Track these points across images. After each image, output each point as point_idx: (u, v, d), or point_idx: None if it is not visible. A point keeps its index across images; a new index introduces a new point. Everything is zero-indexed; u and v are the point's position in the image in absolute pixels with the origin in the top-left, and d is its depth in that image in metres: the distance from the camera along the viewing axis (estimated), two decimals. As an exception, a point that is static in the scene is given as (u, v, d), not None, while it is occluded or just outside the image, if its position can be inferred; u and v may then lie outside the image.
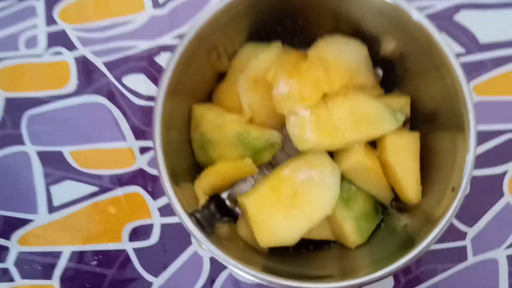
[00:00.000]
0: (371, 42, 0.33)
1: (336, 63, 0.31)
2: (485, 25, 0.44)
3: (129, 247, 0.42)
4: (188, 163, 0.33)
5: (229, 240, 0.31)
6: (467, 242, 0.42)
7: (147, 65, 0.44)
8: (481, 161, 0.42)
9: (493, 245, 0.41)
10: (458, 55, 0.43)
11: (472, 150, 0.28)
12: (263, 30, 0.33)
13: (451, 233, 0.42)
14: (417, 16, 0.28)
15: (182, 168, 0.32)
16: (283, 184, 0.31)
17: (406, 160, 0.31)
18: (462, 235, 0.42)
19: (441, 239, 0.42)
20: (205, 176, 0.32)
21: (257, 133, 0.31)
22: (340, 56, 0.32)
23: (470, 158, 0.27)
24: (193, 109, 0.33)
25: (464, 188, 0.27)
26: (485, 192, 0.42)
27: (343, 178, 0.32)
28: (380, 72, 0.34)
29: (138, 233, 0.42)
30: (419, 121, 0.33)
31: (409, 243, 0.29)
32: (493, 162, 0.42)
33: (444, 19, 0.44)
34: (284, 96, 0.30)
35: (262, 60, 0.31)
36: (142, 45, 0.44)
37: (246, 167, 0.32)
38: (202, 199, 0.30)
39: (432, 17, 0.44)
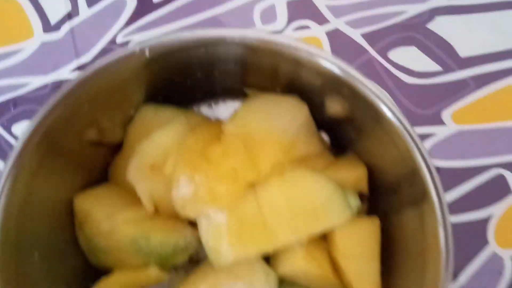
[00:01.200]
0: (312, 99, 0.24)
1: (264, 135, 0.23)
2: (466, 34, 0.35)
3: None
4: (72, 267, 0.25)
5: None
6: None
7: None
8: (462, 204, 0.34)
9: (478, 301, 0.35)
10: (434, 74, 0.35)
11: (445, 241, 0.20)
12: (169, 86, 0.24)
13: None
14: (359, 78, 0.19)
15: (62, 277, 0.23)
16: (199, 305, 0.23)
17: (362, 261, 0.24)
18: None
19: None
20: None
21: (160, 238, 0.23)
22: (269, 124, 0.23)
23: (443, 271, 0.20)
24: (75, 203, 0.24)
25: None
26: (466, 241, 0.35)
27: (282, 281, 0.24)
28: (325, 137, 0.26)
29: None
30: (379, 195, 0.25)
31: None
32: (475, 204, 0.35)
33: (416, 29, 0.35)
34: (187, 199, 0.21)
35: (158, 143, 0.22)
36: (35, 82, 0.34)
37: (152, 276, 0.24)
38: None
39: (402, 27, 0.35)
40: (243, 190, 0.22)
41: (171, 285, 0.26)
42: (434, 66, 0.35)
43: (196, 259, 0.26)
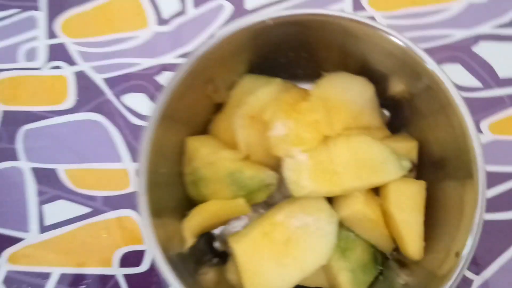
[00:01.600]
0: (378, 81, 0.30)
1: (339, 102, 0.29)
2: (505, 59, 0.42)
3: (119, 272, 0.40)
4: (178, 198, 0.32)
5: (217, 285, 0.29)
6: (473, 291, 0.40)
7: (148, 84, 0.42)
8: (493, 204, 0.39)
9: (501, 295, 0.39)
10: (475, 90, 0.41)
11: (480, 210, 0.26)
12: (265, 62, 0.32)
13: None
14: (426, 59, 0.26)
15: (169, 204, 0.30)
16: (276, 230, 0.29)
17: (410, 212, 0.29)
18: (468, 282, 0.40)
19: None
20: (195, 215, 0.30)
21: (251, 173, 0.30)
22: (344, 95, 0.30)
23: (476, 222, 0.25)
24: (186, 142, 0.31)
25: (468, 255, 0.25)
26: (495, 238, 0.40)
27: (341, 225, 0.30)
28: (387, 113, 0.32)
29: (129, 259, 0.41)
30: (426, 167, 0.31)
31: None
32: (506, 206, 0.40)
33: (462, 50, 0.42)
34: (280, 138, 0.28)
35: (260, 97, 0.29)
36: (145, 63, 0.43)
37: (239, 207, 0.30)
38: (189, 241, 0.29)
39: (450, 48, 0.42)
40: (321, 140, 0.28)
41: (250, 220, 0.32)
42: (475, 83, 0.41)
43: (271, 203, 0.32)
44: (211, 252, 0.33)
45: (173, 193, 0.31)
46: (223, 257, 0.33)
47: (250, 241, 0.29)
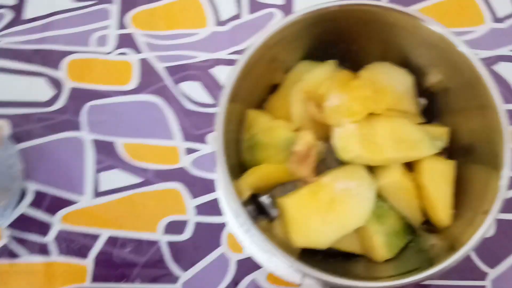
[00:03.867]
0: (416, 73, 0.35)
1: (384, 86, 0.34)
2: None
3: (162, 239, 0.44)
4: (233, 163, 0.36)
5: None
6: (487, 283, 0.43)
7: (203, 75, 0.48)
8: (510, 204, 0.43)
9: (514, 290, 0.42)
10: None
11: (505, 183, 0.30)
12: (318, 51, 0.37)
13: (472, 272, 0.44)
14: (467, 52, 0.31)
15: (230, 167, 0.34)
16: (322, 190, 0.33)
17: (441, 184, 0.33)
18: (482, 275, 0.43)
19: (461, 275, 0.43)
20: (251, 173, 0.34)
21: (303, 141, 0.34)
22: (388, 80, 0.35)
23: (503, 184, 0.29)
24: (247, 113, 0.36)
25: (495, 210, 0.29)
26: (510, 234, 0.43)
27: (378, 195, 0.34)
28: (423, 101, 0.37)
29: (173, 227, 0.44)
30: (456, 152, 0.35)
31: (435, 260, 0.30)
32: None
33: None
34: (334, 109, 0.32)
35: (317, 74, 0.34)
36: (202, 56, 0.48)
37: (288, 172, 0.34)
38: (247, 193, 0.33)
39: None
40: (367, 115, 0.33)
41: (296, 187, 0.36)
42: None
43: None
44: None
45: (231, 159, 0.35)
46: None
47: (299, 197, 0.33)
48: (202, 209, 0.45)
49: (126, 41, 0.49)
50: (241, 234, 0.39)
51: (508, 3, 0.50)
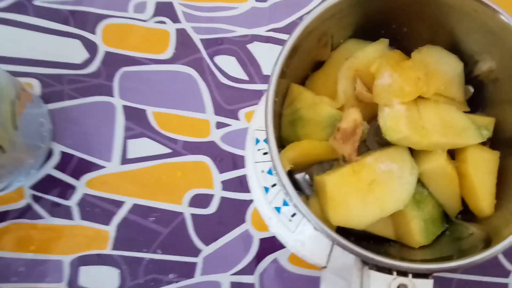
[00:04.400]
0: (466, 60, 0.35)
1: (434, 69, 0.33)
2: None
3: (187, 211, 0.44)
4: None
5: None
6: (510, 281, 0.43)
7: (239, 50, 0.47)
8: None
9: (538, 290, 0.42)
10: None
11: None
12: (366, 31, 0.36)
13: (495, 269, 0.43)
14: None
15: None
16: (364, 170, 0.32)
17: (484, 173, 0.33)
18: (505, 273, 0.43)
19: (484, 271, 0.43)
20: (291, 148, 0.34)
21: (348, 118, 0.33)
22: (438, 65, 0.34)
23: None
24: (291, 86, 0.35)
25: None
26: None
27: (418, 181, 0.33)
28: (471, 89, 0.36)
29: (198, 201, 0.44)
30: (500, 143, 0.35)
31: (470, 250, 0.30)
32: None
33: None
34: (385, 87, 0.32)
35: (369, 52, 0.34)
36: (239, 31, 0.47)
37: (329, 149, 0.34)
38: (287, 167, 0.32)
39: None
40: (417, 96, 0.32)
41: (333, 167, 0.35)
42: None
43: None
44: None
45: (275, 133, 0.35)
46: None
47: (340, 175, 0.32)
48: (229, 185, 0.44)
49: (165, 10, 0.48)
50: (269, 212, 0.39)
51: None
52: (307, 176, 0.36)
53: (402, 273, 0.27)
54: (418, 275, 0.27)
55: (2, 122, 0.36)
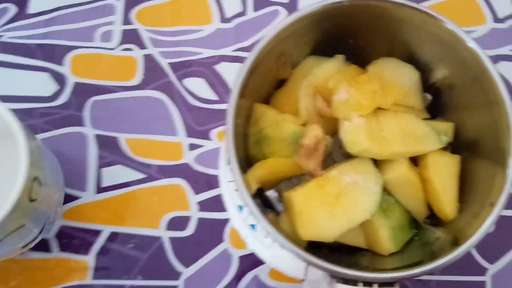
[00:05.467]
0: (422, 69, 0.36)
1: (391, 81, 0.35)
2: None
3: (165, 235, 0.44)
4: (240, 157, 0.36)
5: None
6: (487, 279, 0.43)
7: (207, 71, 0.48)
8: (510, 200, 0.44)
9: (513, 285, 0.43)
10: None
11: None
12: (325, 47, 0.37)
13: (472, 267, 0.44)
14: (476, 48, 0.31)
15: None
16: (329, 183, 0.33)
17: (446, 178, 0.33)
18: (482, 271, 0.44)
19: (461, 271, 0.44)
20: (258, 167, 0.34)
21: (310, 134, 0.34)
22: (395, 76, 0.35)
23: (510, 175, 0.29)
24: (255, 107, 0.36)
25: (502, 202, 0.29)
26: (510, 231, 0.44)
27: (384, 189, 0.34)
28: (429, 97, 0.37)
29: (175, 223, 0.44)
30: (460, 147, 0.36)
31: (439, 254, 0.30)
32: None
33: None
34: (342, 102, 0.33)
35: (326, 68, 0.35)
36: (206, 53, 0.48)
37: (295, 166, 0.34)
38: (254, 186, 0.33)
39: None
40: (375, 108, 0.33)
41: (302, 181, 0.36)
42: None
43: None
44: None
45: (239, 154, 0.35)
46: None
47: (306, 190, 0.33)
48: (205, 205, 0.45)
49: (131, 37, 0.49)
50: (245, 230, 0.39)
51: (509, 4, 0.51)
52: (277, 193, 0.36)
53: (368, 283, 0.28)
54: (383, 284, 0.28)
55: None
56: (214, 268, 0.43)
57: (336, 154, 0.36)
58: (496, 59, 0.48)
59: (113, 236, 0.44)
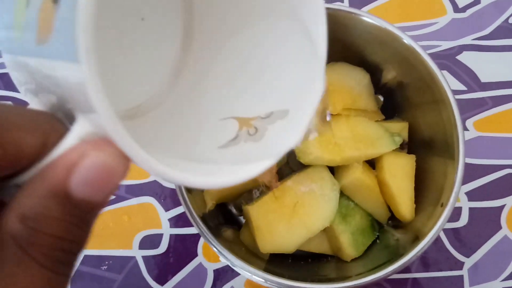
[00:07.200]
0: (373, 71, 0.36)
1: (340, 86, 0.34)
2: (486, 66, 0.47)
3: (138, 254, 0.44)
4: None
5: (233, 243, 0.33)
6: (464, 272, 0.43)
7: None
8: (480, 193, 0.44)
9: (489, 277, 0.42)
10: (460, 92, 0.46)
11: (460, 174, 0.30)
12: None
13: (449, 262, 0.44)
14: (415, 46, 0.31)
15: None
16: (285, 195, 0.33)
17: (402, 179, 0.33)
18: (459, 265, 0.43)
19: (439, 267, 0.44)
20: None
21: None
22: (344, 80, 0.35)
23: (458, 178, 0.29)
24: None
25: (451, 203, 0.29)
26: (483, 224, 0.44)
27: (342, 194, 0.34)
28: (381, 98, 0.37)
29: (148, 242, 0.44)
30: (416, 146, 0.36)
31: (399, 254, 0.30)
32: (491, 195, 0.44)
33: (448, 58, 0.47)
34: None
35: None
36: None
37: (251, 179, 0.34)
38: (210, 204, 0.33)
39: (437, 55, 0.48)
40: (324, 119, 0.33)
41: (262, 192, 0.36)
42: (460, 86, 0.46)
43: (279, 177, 0.37)
44: (225, 222, 0.37)
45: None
46: (237, 226, 0.37)
47: (263, 204, 0.33)
48: (176, 221, 0.45)
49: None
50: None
51: (469, -8, 0.50)
52: (236, 207, 0.37)
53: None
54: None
55: None
56: (189, 283, 0.43)
57: (293, 163, 0.36)
58: (459, 49, 0.48)
59: (86, 259, 0.44)
